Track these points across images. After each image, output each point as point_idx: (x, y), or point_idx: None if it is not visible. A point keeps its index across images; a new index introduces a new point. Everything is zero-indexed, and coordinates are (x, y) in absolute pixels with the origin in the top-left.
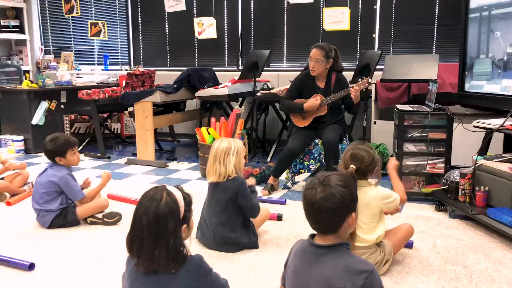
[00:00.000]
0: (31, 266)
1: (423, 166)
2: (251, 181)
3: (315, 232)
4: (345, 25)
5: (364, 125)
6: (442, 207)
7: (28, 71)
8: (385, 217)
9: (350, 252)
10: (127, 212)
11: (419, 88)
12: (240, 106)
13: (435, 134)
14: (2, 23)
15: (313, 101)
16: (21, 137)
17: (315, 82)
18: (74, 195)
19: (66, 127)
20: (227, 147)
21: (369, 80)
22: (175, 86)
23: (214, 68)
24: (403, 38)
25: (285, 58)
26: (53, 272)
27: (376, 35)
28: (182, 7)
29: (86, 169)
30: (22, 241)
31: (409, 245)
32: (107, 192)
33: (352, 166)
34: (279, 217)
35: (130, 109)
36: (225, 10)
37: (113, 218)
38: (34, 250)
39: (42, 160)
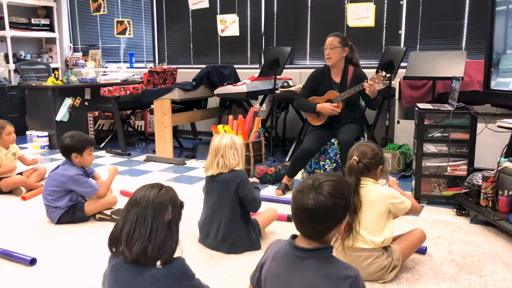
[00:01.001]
0: (32, 261)
1: (444, 168)
2: (253, 179)
3: (297, 233)
4: (369, 21)
5: (387, 124)
6: (464, 212)
7: (57, 69)
8: (398, 220)
9: (333, 256)
10: None
11: (445, 86)
12: (261, 104)
13: (457, 135)
14: (33, 22)
15: (327, 105)
16: (46, 133)
17: (330, 77)
18: (87, 192)
19: (90, 123)
20: (229, 141)
21: (383, 74)
22: (193, 83)
23: (236, 66)
24: (430, 34)
25: (308, 55)
26: (53, 268)
27: (402, 31)
28: (205, 4)
29: (106, 165)
30: (30, 236)
31: (422, 251)
32: (120, 188)
33: (355, 158)
34: (289, 218)
35: (152, 106)
36: (248, 7)
37: None
38: (40, 245)
39: None
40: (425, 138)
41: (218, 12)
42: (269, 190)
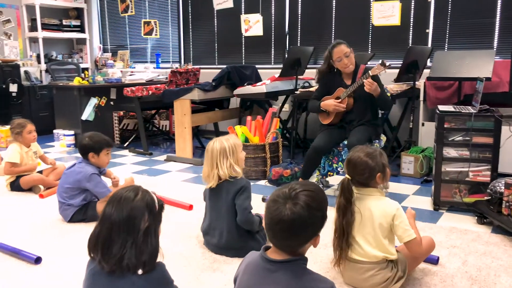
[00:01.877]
0: (37, 260)
1: (465, 174)
2: (260, 215)
3: (270, 245)
4: (395, 20)
5: (411, 126)
6: (485, 220)
7: (87, 69)
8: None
9: (306, 268)
10: None
11: (473, 87)
12: (283, 104)
13: (480, 138)
14: (64, 23)
15: (330, 102)
16: (72, 132)
17: (342, 79)
18: (101, 192)
19: (115, 123)
20: (220, 148)
21: (385, 62)
22: (213, 84)
23: (260, 66)
24: (460, 33)
25: None
26: (59, 267)
27: (430, 30)
28: (229, 4)
29: (127, 164)
30: (41, 233)
31: (434, 261)
32: None
33: (347, 176)
34: None
35: None
36: (272, 6)
37: None
38: (49, 243)
39: None
40: (445, 141)
41: (242, 12)
42: None
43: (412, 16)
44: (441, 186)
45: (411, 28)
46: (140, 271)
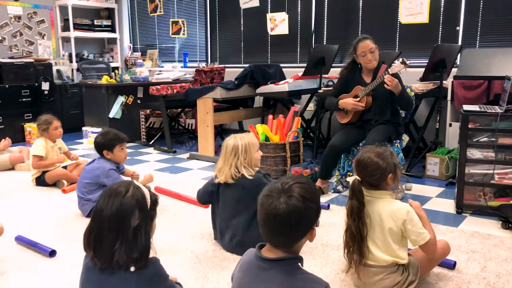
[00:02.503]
0: (52, 253)
1: (490, 176)
2: None
3: (265, 242)
4: (423, 17)
5: (437, 127)
6: (510, 225)
7: (117, 68)
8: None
9: (300, 268)
10: (170, 207)
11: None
12: (307, 104)
13: (506, 139)
14: (95, 23)
15: (348, 100)
16: (100, 129)
17: (361, 77)
18: None
19: (142, 121)
20: (233, 145)
21: (405, 61)
22: (235, 82)
23: (286, 65)
24: (492, 30)
25: None
26: (72, 261)
27: (460, 28)
28: (256, 3)
29: (150, 162)
30: (60, 227)
31: (450, 265)
32: (155, 184)
33: (356, 177)
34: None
35: None
36: (299, 5)
37: None
38: (66, 236)
39: None
40: (470, 142)
41: (268, 11)
42: None
43: (441, 13)
44: (464, 189)
45: (440, 26)
46: (132, 268)
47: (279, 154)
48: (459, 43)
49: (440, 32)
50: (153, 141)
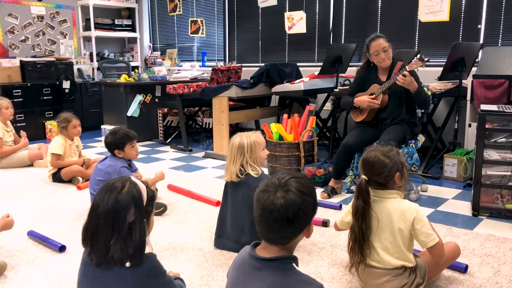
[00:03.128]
0: (62, 248)
1: (509, 178)
2: None
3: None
4: (443, 15)
5: (456, 127)
6: None
7: (137, 67)
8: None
9: (294, 268)
10: (181, 205)
11: None
12: (324, 103)
13: None
14: (116, 23)
15: (364, 98)
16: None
17: (377, 75)
18: None
19: (160, 120)
20: (239, 143)
21: (423, 57)
22: (251, 81)
23: (304, 64)
24: None
25: None
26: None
27: (482, 26)
28: (273, 1)
29: (166, 160)
30: (71, 223)
31: (461, 269)
32: (168, 182)
33: (363, 177)
34: (325, 223)
35: None
36: (317, 3)
37: (159, 209)
38: (77, 232)
39: None
40: (487, 143)
41: (287, 10)
42: (316, 193)
43: (463, 11)
44: (481, 191)
45: (461, 24)
46: (127, 264)
47: (293, 153)
48: (481, 41)
49: (461, 31)
50: (170, 139)
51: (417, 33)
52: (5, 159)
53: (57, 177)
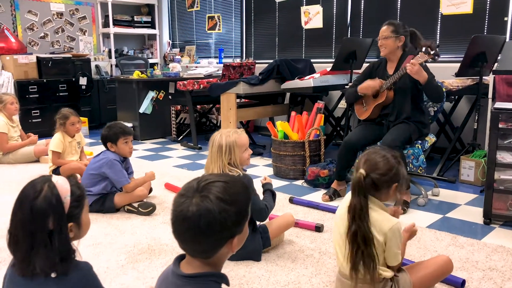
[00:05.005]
0: None
1: None
2: (266, 179)
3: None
4: (467, 8)
5: (475, 127)
6: None
7: (156, 64)
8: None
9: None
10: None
11: None
12: (339, 100)
13: None
14: (135, 19)
15: (367, 82)
16: (130, 124)
17: (385, 68)
18: (118, 180)
19: (172, 117)
20: (218, 143)
21: (429, 50)
22: (260, 77)
23: (321, 60)
24: None
25: None
26: None
27: (509, 18)
28: None
29: (173, 158)
30: None
31: (457, 284)
32: (168, 181)
33: (362, 171)
34: (318, 228)
35: None
36: None
37: (147, 209)
38: None
39: (145, 147)
40: (500, 144)
41: (304, 4)
42: (319, 196)
43: (487, 2)
44: (494, 197)
45: (486, 17)
46: (53, 274)
47: (298, 153)
48: (507, 35)
49: (486, 23)
50: (181, 137)
51: (438, 26)
52: (11, 154)
53: (57, 173)
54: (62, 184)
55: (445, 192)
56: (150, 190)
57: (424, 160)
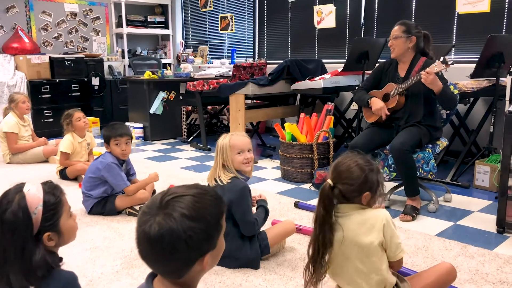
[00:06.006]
0: None
1: None
2: (261, 196)
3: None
4: (484, 6)
5: (491, 131)
6: None
7: (169, 64)
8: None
9: None
10: None
11: None
12: (351, 102)
13: None
14: (149, 20)
15: (377, 102)
16: (141, 125)
17: (396, 70)
18: (117, 184)
19: (183, 117)
20: (217, 144)
21: (447, 60)
22: (269, 78)
23: (334, 60)
24: None
25: None
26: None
27: None
28: None
29: (181, 159)
30: None
31: None
32: (173, 183)
33: (329, 181)
34: None
35: None
36: None
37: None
38: None
39: (154, 148)
40: None
41: (317, 3)
42: None
43: (506, 1)
44: (508, 204)
45: (505, 15)
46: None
47: (305, 155)
48: None
49: (504, 22)
50: (191, 138)
51: (455, 25)
52: (21, 154)
53: (63, 174)
54: (33, 194)
55: (457, 198)
56: (154, 192)
57: (435, 164)
